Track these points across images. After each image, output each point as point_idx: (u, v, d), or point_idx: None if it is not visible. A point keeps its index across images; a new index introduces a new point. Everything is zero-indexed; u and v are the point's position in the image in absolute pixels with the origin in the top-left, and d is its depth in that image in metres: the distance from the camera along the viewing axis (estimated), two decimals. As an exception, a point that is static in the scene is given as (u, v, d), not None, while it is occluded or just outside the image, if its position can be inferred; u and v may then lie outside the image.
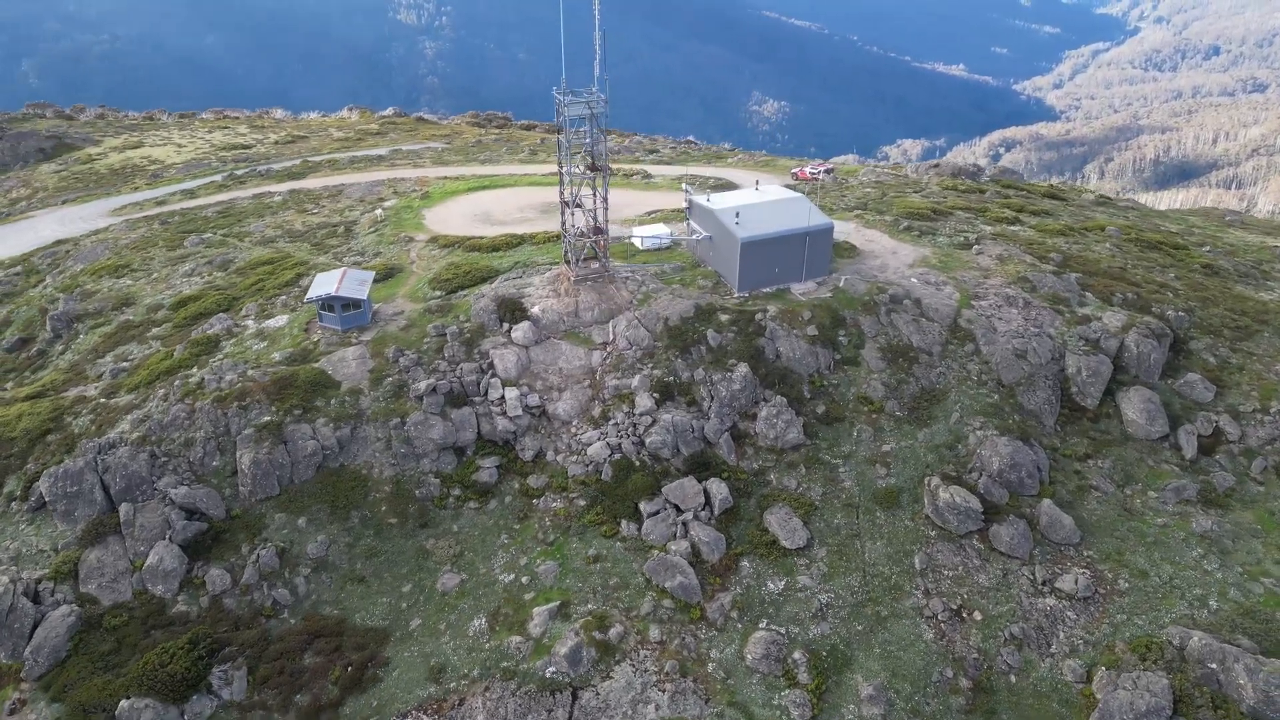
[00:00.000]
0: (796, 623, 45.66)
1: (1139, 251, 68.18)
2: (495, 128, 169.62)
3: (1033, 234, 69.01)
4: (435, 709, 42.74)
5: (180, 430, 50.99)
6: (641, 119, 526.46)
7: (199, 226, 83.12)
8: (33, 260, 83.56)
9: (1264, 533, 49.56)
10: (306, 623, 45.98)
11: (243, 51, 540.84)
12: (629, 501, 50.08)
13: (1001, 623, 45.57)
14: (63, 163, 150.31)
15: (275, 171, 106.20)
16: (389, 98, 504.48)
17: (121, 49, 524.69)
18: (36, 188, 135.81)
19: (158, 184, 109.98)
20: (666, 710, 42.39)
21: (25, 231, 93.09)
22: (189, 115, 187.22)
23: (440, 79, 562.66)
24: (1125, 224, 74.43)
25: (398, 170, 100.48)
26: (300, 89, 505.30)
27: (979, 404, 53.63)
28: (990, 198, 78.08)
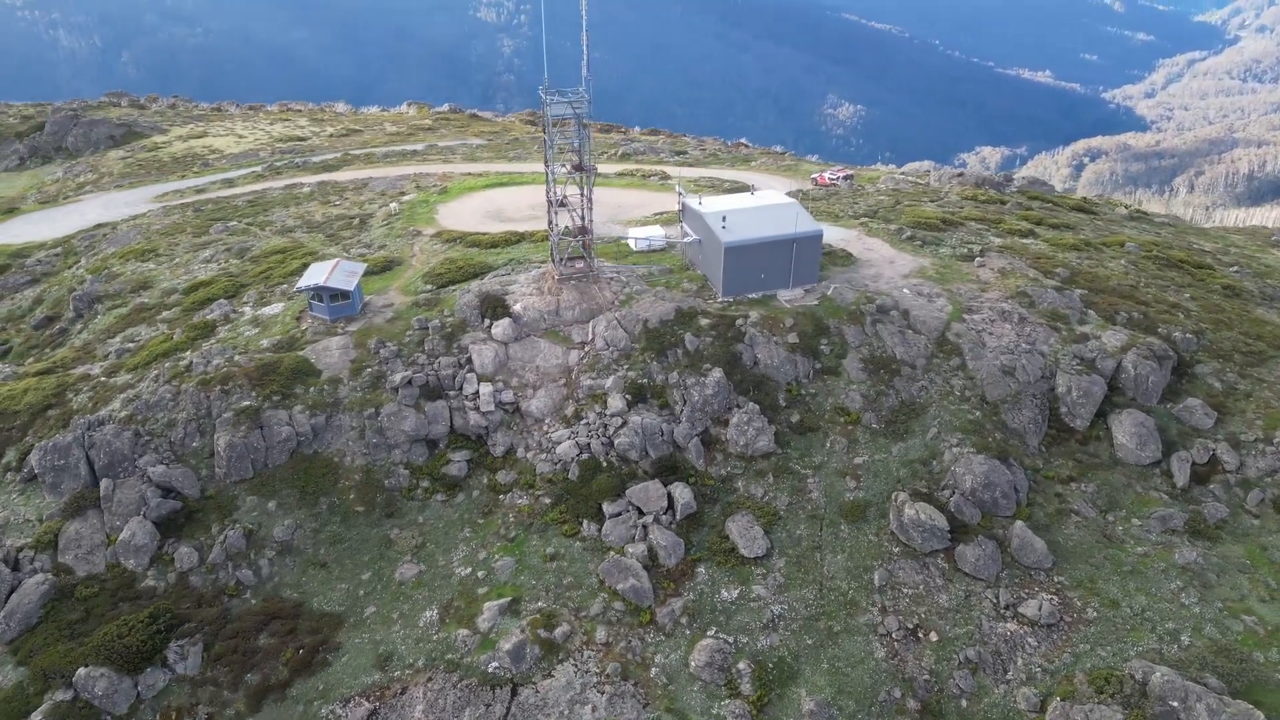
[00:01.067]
0: (746, 632, 45.16)
1: (1156, 269, 65.65)
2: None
3: (1044, 248, 66.97)
4: (378, 696, 43.38)
5: (165, 411, 52.66)
6: (713, 119, 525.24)
7: (227, 215, 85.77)
8: (73, 242, 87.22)
9: (1253, 568, 47.38)
10: (266, 604, 47.08)
11: (328, 47, 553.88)
12: (593, 502, 50.12)
13: (958, 645, 44.43)
14: (130, 150, 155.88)
15: (313, 164, 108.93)
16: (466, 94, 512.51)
17: (213, 43, 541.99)
18: (103, 173, 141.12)
19: (204, 172, 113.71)
20: (603, 712, 42.34)
21: (72, 214, 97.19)
22: (255, 107, 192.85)
23: (516, 77, 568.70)
24: (1150, 240, 71.71)
25: (427, 165, 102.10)
26: (383, 84, 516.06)
27: (959, 420, 52.31)
28: (1010, 209, 75.96)
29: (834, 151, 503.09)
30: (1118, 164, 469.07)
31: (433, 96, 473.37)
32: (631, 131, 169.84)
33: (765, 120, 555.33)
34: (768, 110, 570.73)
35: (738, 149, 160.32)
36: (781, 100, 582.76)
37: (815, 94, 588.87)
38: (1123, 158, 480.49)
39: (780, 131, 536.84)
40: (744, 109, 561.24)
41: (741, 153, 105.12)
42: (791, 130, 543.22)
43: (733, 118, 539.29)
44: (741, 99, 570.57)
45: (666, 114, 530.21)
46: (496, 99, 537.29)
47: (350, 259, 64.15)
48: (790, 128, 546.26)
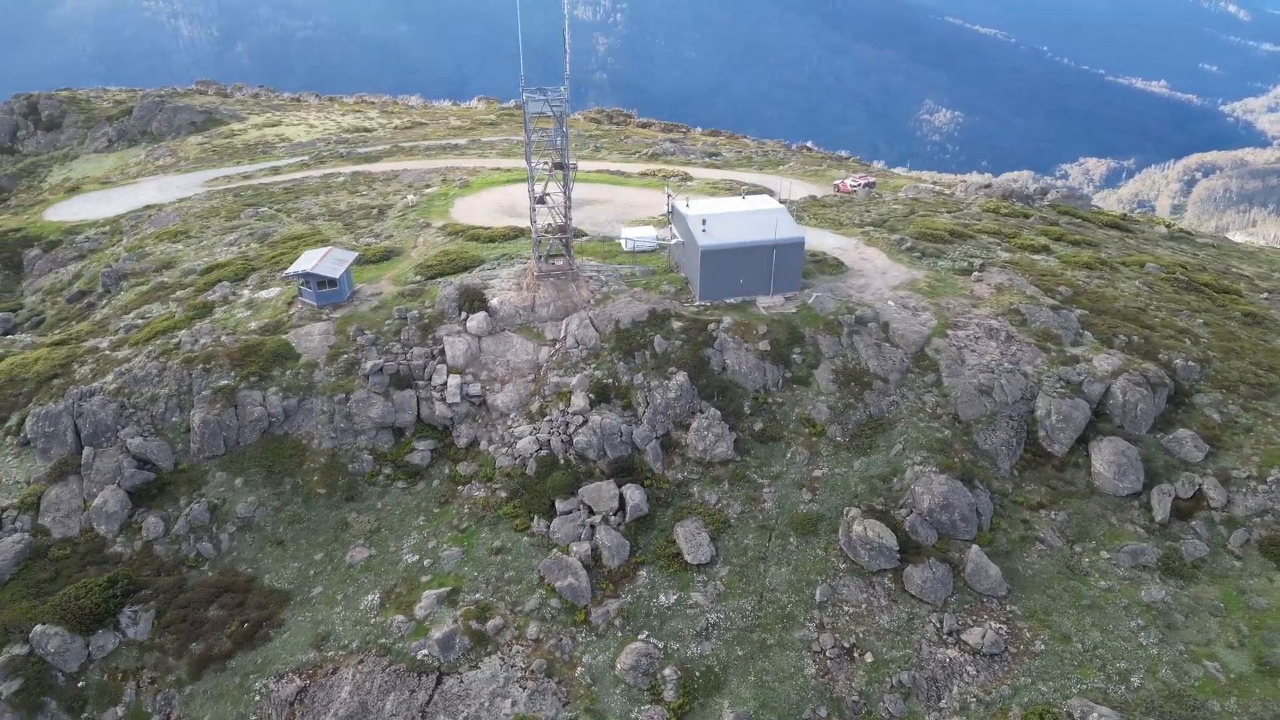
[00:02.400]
0: (678, 639, 44.75)
1: (1172, 292, 62.51)
2: (614, 124, 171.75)
3: (1054, 264, 64.44)
4: (310, 673, 44.41)
5: (150, 386, 54.83)
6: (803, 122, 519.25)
7: (262, 200, 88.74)
8: (121, 221, 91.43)
9: (1225, 612, 44.86)
10: (220, 577, 48.65)
11: (429, 41, 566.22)
12: (547, 498, 50.34)
13: (892, 668, 43.21)
14: (208, 136, 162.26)
15: (357, 154, 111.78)
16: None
17: (321, 35, 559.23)
18: (180, 157, 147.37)
19: (259, 159, 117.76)
20: (522, 707, 42.53)
21: (128, 195, 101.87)
22: (333, 99, 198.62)
23: (608, 75, 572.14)
24: (1175, 261, 68.30)
25: (464, 159, 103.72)
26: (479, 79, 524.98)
27: (926, 438, 50.80)
28: (1033, 222, 73.28)
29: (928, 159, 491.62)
30: (1232, 180, 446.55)
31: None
32: (693, 132, 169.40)
33: (857, 124, 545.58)
34: (860, 114, 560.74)
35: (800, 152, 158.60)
36: (875, 105, 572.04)
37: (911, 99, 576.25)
38: (1238, 174, 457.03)
39: (871, 136, 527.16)
40: (836, 112, 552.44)
41: (776, 156, 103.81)
42: (883, 135, 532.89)
43: (823, 121, 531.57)
44: (834, 102, 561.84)
45: (755, 115, 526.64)
46: (588, 97, 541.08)
47: (343, 247, 65.72)
48: (882, 133, 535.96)
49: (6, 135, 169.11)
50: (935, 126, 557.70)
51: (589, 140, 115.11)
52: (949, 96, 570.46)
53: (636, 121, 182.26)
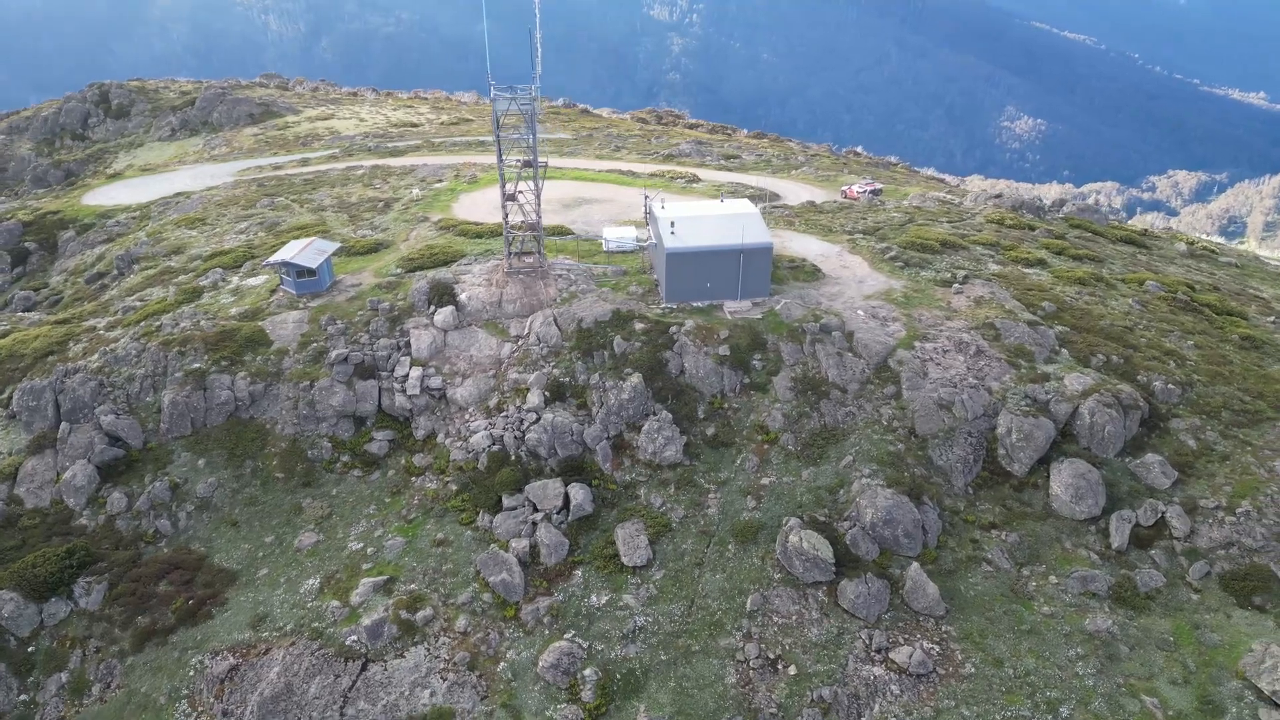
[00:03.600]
0: (604, 640, 44.67)
1: (1167, 311, 60.14)
2: (661, 124, 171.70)
3: (1046, 279, 62.52)
4: (243, 653, 45.44)
5: (128, 365, 56.70)
6: (880, 126, 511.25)
7: (280, 191, 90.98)
8: (151, 207, 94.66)
9: (1175, 646, 43.12)
10: (174, 554, 50.11)
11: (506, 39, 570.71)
12: (495, 493, 50.68)
13: (815, 682, 42.49)
14: (263, 127, 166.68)
15: (386, 148, 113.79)
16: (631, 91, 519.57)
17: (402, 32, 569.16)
18: (235, 147, 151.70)
19: (296, 150, 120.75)
20: (440, 698, 42.94)
21: (163, 182, 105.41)
22: (389, 94, 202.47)
23: (681, 75, 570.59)
24: (1180, 280, 65.62)
25: (487, 155, 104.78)
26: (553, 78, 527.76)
27: (878, 450, 49.78)
28: (1038, 235, 71.13)
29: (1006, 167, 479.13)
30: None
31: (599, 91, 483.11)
32: (738, 134, 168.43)
33: (935, 130, 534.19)
34: (939, 120, 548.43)
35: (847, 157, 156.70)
36: (955, 110, 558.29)
37: (992, 105, 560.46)
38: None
39: (949, 143, 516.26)
40: (914, 117, 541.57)
41: (795, 160, 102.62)
42: (962, 142, 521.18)
43: (901, 125, 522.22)
44: (913, 107, 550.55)
45: (832, 119, 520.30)
46: (660, 96, 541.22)
47: (333, 239, 67.01)
48: (961, 139, 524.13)
49: (78, 122, 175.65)
50: (1016, 134, 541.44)
51: (611, 140, 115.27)
52: (1032, 104, 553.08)
53: (685, 122, 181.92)
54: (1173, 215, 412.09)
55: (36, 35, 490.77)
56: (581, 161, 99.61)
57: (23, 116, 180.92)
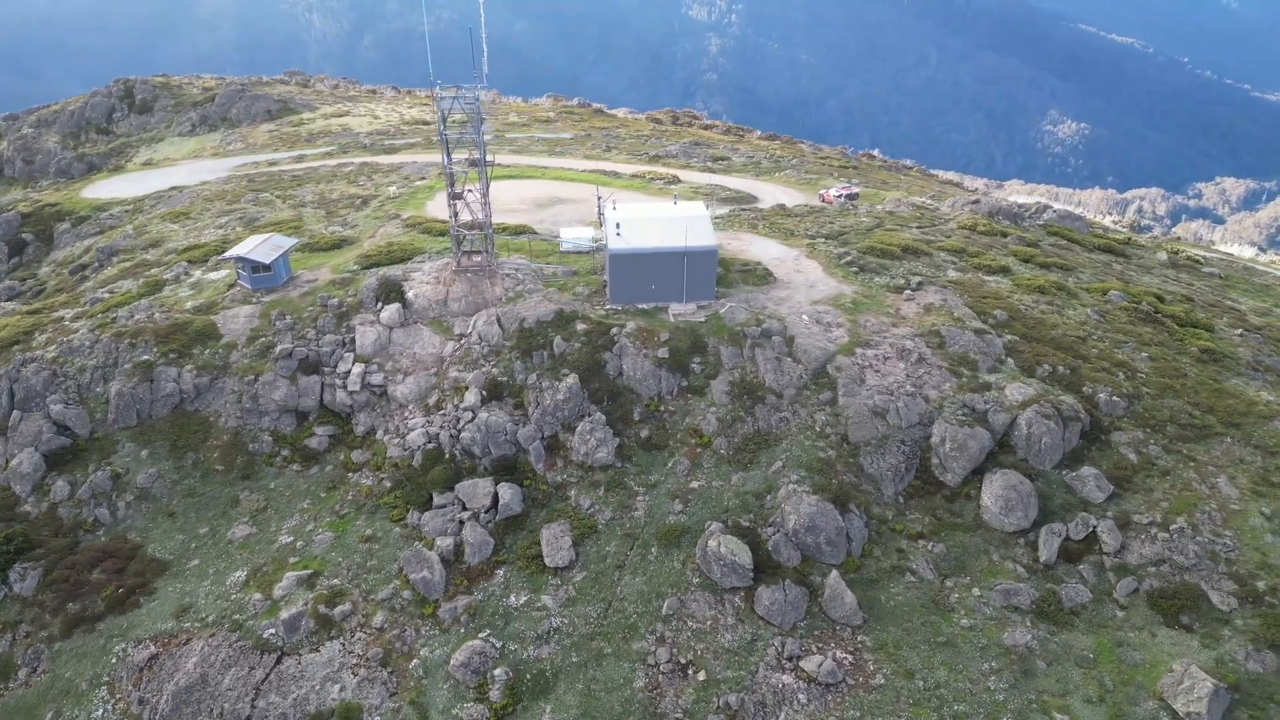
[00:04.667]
0: (518, 640, 44.68)
1: (1126, 322, 58.91)
2: (676, 125, 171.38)
3: (1006, 286, 61.56)
4: (164, 643, 46.03)
5: (81, 356, 57.70)
6: (918, 128, 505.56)
7: (267, 187, 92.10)
8: (144, 201, 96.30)
9: (1095, 663, 42.30)
10: (110, 542, 50.87)
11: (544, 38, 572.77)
12: (426, 491, 50.89)
13: (723, 688, 42.19)
14: (279, 124, 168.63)
15: (381, 145, 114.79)
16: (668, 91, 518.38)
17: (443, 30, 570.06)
18: (250, 143, 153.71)
19: (301, 146, 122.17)
20: (350, 694, 43.20)
21: (162, 176, 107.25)
22: (408, 91, 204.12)
23: (719, 75, 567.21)
24: (1146, 290, 64.24)
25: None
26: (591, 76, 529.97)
27: (808, 456, 49.31)
28: (1009, 241, 70.02)
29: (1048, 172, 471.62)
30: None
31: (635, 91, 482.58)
32: (750, 136, 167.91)
33: (975, 133, 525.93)
34: (979, 123, 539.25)
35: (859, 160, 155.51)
36: (995, 113, 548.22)
37: (1034, 109, 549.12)
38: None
39: (989, 146, 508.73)
40: (953, 120, 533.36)
41: (784, 164, 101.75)
42: (1002, 146, 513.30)
43: (939, 129, 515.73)
44: (952, 110, 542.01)
45: (869, 121, 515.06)
46: (696, 97, 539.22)
47: (298, 234, 67.69)
48: (1001, 143, 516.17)
49: (104, 116, 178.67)
50: (1059, 138, 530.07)
51: (605, 140, 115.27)
52: (1075, 107, 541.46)
53: (700, 123, 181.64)
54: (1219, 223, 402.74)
55: (88, 32, 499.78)
56: (569, 161, 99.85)
57: (52, 110, 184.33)
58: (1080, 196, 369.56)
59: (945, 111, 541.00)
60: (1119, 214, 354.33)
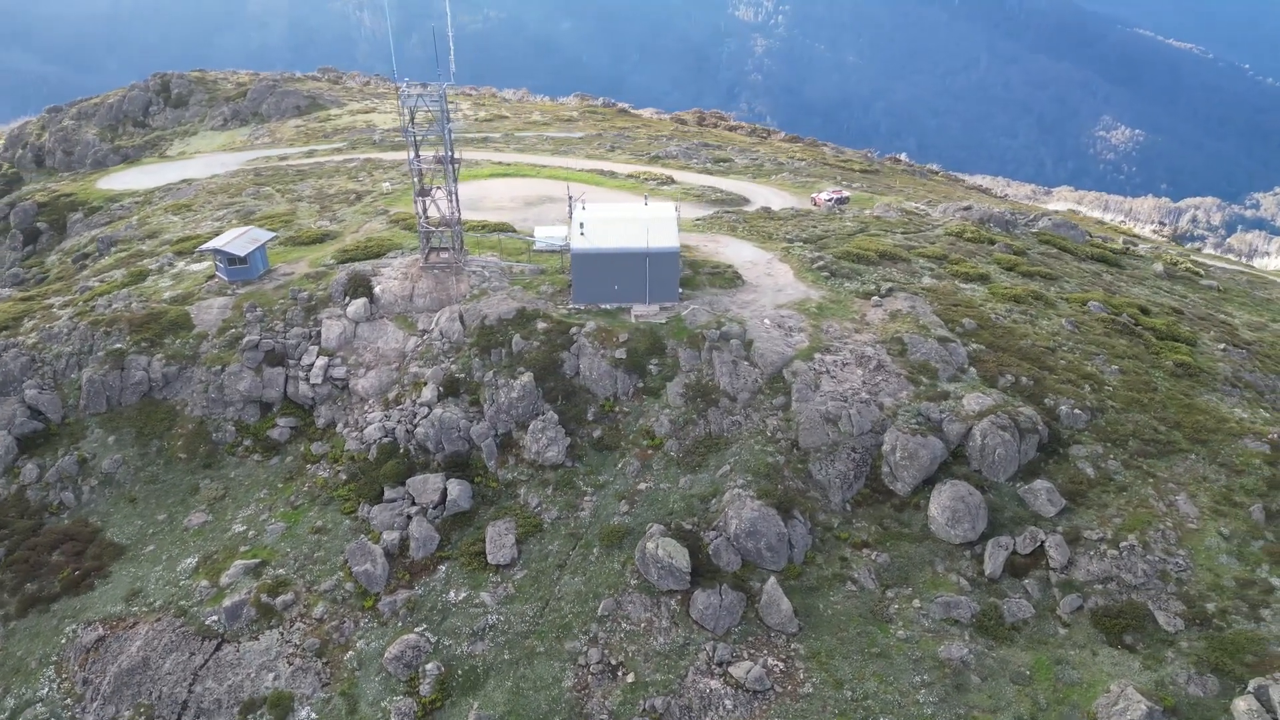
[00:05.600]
0: (453, 635, 44.92)
1: (1101, 334, 57.68)
2: (701, 125, 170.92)
3: (981, 294, 60.55)
4: (112, 625, 46.97)
5: (59, 343, 59.04)
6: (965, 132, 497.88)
7: (271, 181, 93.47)
8: (155, 193, 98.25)
9: (1031, 680, 41.55)
10: (72, 525, 52.01)
11: (589, 38, 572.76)
12: (379, 485, 51.33)
13: (650, 691, 42.05)
14: (306, 119, 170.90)
15: (389, 142, 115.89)
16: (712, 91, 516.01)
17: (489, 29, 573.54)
18: (278, 137, 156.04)
19: (318, 141, 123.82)
20: (283, 683, 43.74)
21: (177, 169, 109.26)
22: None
23: (764, 76, 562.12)
24: (1129, 301, 62.81)
25: (477, 153, 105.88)
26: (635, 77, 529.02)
27: (756, 461, 48.95)
28: (996, 249, 68.85)
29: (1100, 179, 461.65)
30: None
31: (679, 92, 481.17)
32: (774, 138, 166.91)
33: (1024, 139, 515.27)
34: (1029, 128, 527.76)
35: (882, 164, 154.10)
36: (1046, 118, 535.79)
37: (1087, 114, 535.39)
38: None
39: (1039, 152, 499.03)
40: (1002, 124, 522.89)
41: (788, 166, 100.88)
42: (1052, 152, 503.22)
43: (988, 132, 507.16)
44: (1001, 114, 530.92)
45: (916, 124, 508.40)
46: (740, 98, 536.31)
47: (277, 227, 68.61)
48: (1051, 148, 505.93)
49: (140, 110, 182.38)
50: (1111, 145, 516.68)
51: (610, 139, 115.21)
52: (1130, 113, 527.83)
53: (726, 124, 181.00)
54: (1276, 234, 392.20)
55: (144, 27, 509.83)
56: (570, 160, 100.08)
57: (92, 103, 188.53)
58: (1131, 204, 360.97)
59: (994, 115, 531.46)
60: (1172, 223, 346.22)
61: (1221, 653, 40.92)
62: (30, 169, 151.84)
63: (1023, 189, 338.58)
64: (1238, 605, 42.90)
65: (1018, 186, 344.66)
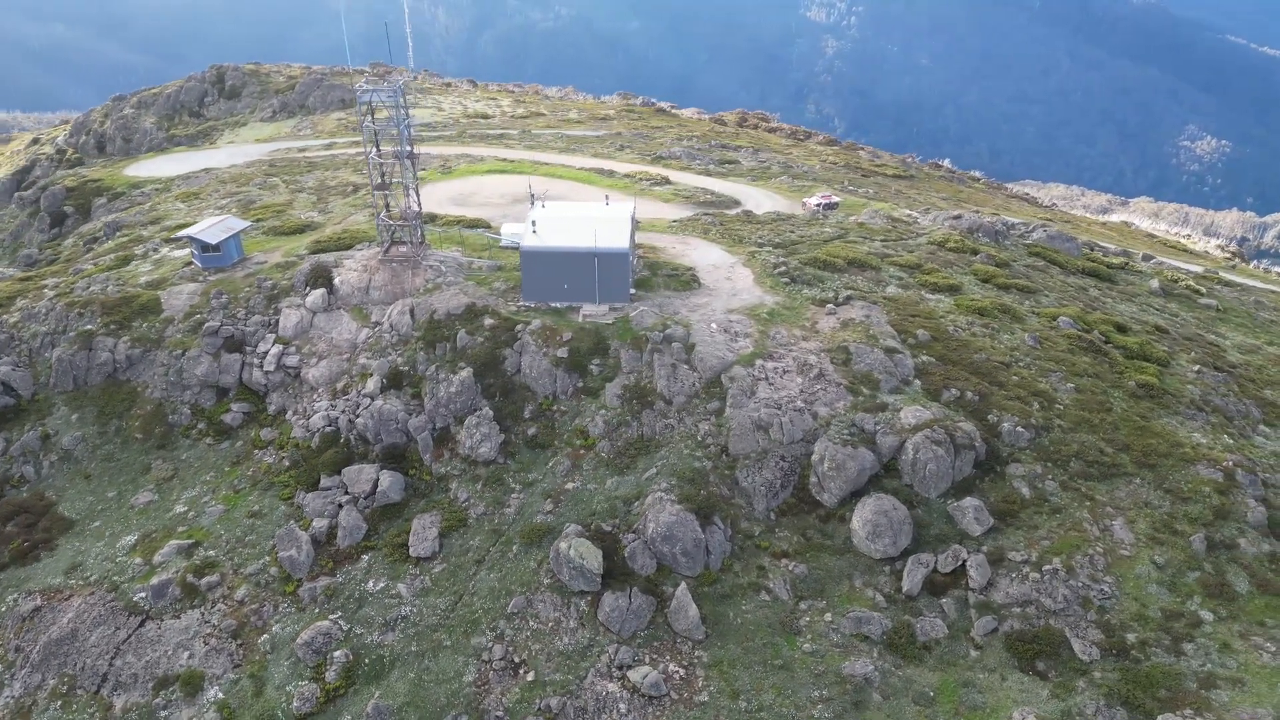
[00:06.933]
0: (365, 624, 45.50)
1: (1064, 350, 55.90)
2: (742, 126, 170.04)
3: (946, 305, 59.16)
4: (49, 597, 48.56)
5: (36, 322, 61.22)
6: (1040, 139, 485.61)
7: (280, 172, 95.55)
8: (173, 182, 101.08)
9: (934, 701, 40.72)
10: (29, 498, 53.94)
11: (657, 38, 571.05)
12: (317, 473, 52.20)
13: (548, 691, 42.13)
14: (347, 113, 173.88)
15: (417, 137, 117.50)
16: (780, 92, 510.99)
17: (560, 28, 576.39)
18: (320, 130, 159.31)
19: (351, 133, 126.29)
20: (197, 662, 44.77)
21: (202, 158, 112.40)
22: (479, 85, 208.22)
23: (833, 78, 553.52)
24: (1105, 318, 60.73)
25: (489, 149, 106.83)
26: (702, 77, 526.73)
27: (683, 465, 48.59)
28: (978, 259, 67.09)
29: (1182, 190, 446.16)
30: None
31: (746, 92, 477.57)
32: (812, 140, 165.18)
33: (1103, 147, 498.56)
34: (1109, 136, 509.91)
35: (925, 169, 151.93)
36: (1128, 126, 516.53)
37: (1171, 123, 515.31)
38: None
39: (1118, 161, 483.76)
40: (1081, 131, 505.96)
41: (796, 169, 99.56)
42: (1132, 161, 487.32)
43: (1065, 140, 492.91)
44: (1080, 120, 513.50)
45: (988, 129, 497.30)
46: (808, 99, 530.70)
47: (254, 218, 70.08)
48: (1132, 158, 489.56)
49: (196, 100, 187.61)
50: (1196, 155, 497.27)
51: (617, 140, 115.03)
52: (1217, 123, 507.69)
53: (767, 125, 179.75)
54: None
55: (226, 20, 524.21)
56: (574, 159, 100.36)
57: (152, 93, 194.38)
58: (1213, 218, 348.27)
59: (1072, 122, 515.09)
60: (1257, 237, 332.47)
61: (1134, 686, 39.59)
62: (92, 155, 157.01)
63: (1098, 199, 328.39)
64: (1160, 638, 41.46)
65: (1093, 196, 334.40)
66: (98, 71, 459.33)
